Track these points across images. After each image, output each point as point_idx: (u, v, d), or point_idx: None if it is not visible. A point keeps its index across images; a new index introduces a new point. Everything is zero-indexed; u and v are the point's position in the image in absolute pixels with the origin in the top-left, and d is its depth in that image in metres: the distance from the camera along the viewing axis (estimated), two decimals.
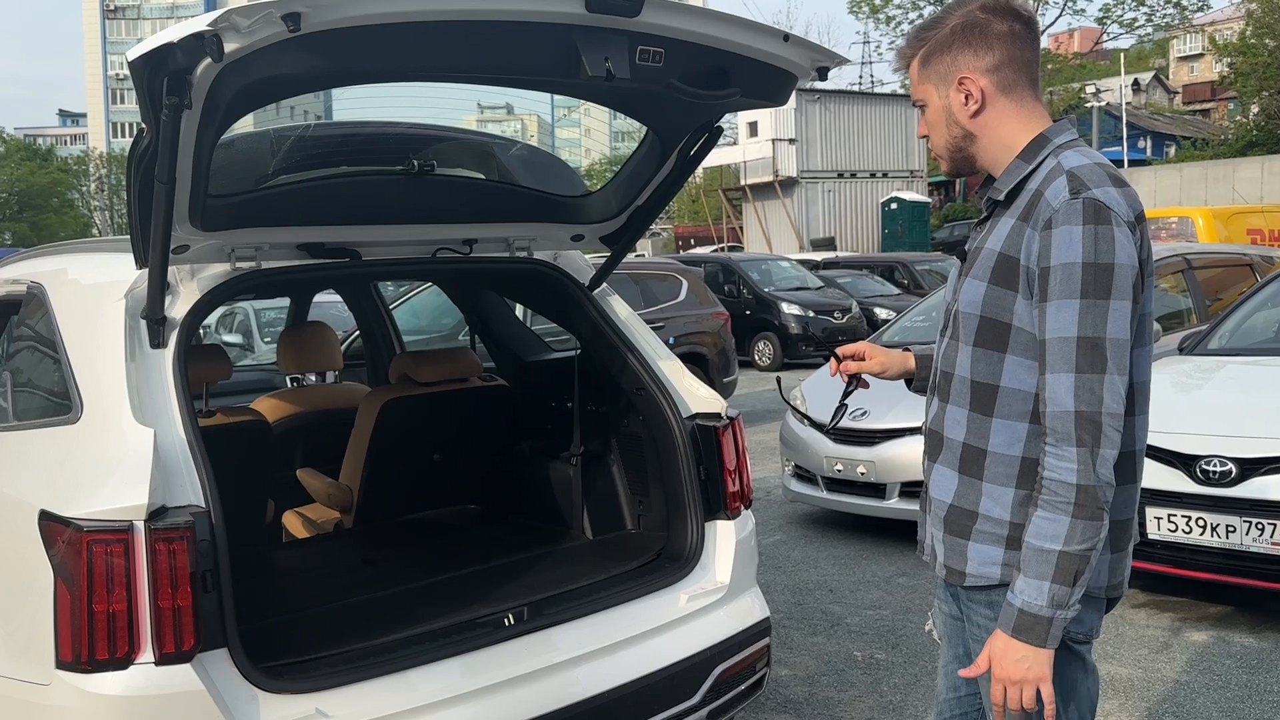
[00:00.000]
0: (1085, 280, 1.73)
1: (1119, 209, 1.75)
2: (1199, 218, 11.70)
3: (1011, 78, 1.89)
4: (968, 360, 1.90)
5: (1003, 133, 1.91)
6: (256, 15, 1.84)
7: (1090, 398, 1.73)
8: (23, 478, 2.60)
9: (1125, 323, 1.75)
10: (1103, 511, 1.74)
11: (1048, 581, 1.74)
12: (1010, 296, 1.83)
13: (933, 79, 1.94)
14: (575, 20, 2.15)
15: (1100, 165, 1.82)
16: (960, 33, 1.89)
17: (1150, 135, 44.95)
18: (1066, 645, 1.88)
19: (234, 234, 2.67)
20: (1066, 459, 1.74)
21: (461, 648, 2.60)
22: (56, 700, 2.22)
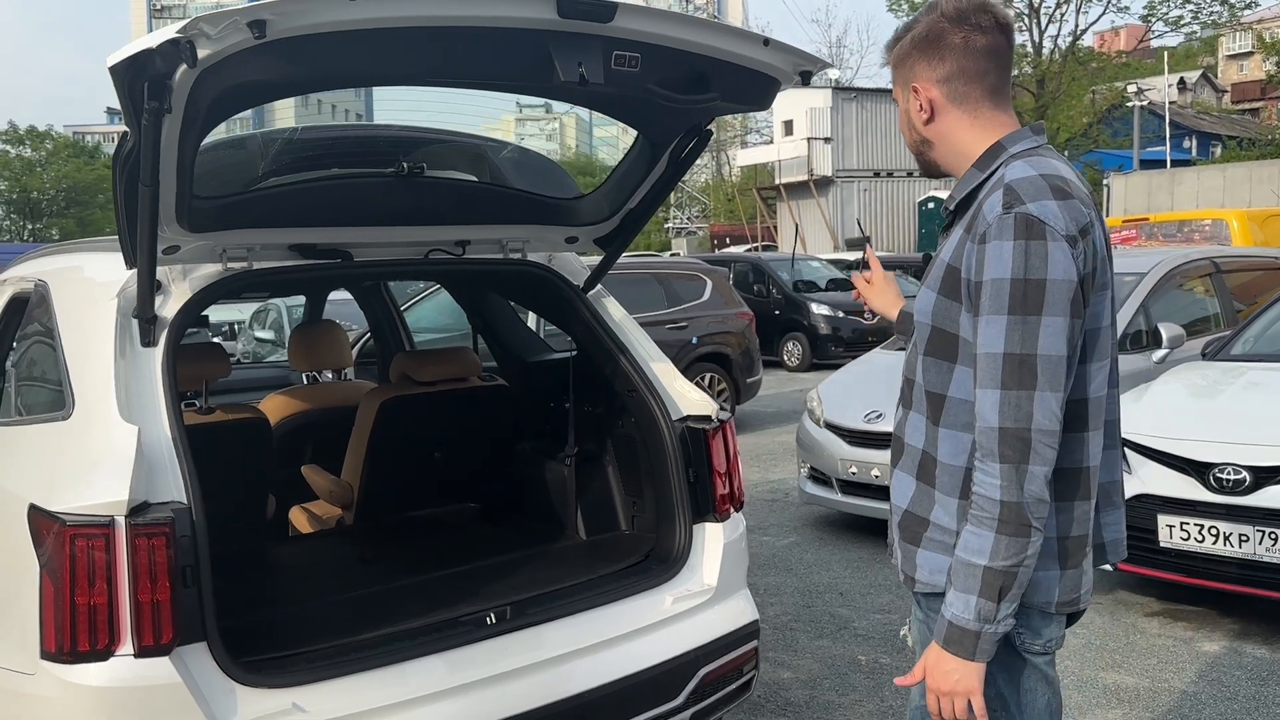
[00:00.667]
0: (1014, 296, 1.71)
1: (1055, 223, 1.73)
2: (1233, 220, 11.47)
3: (963, 89, 1.89)
4: (919, 366, 1.91)
5: (956, 141, 1.92)
6: (223, 23, 1.88)
7: (1017, 414, 1.71)
8: (17, 472, 2.66)
9: (1059, 339, 1.73)
10: (1030, 529, 1.72)
11: (974, 596, 1.74)
12: (956, 308, 1.83)
13: (899, 82, 1.98)
14: (547, 25, 2.16)
15: (1044, 177, 1.79)
16: (919, 41, 1.91)
17: (1196, 135, 44.25)
18: (1024, 657, 1.88)
19: (225, 235, 2.71)
20: (992, 475, 1.73)
21: (442, 645, 2.63)
22: (41, 690, 2.27)
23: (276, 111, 66.68)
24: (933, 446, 1.90)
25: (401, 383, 3.79)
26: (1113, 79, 45.24)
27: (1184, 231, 11.99)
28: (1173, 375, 5.63)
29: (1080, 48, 45.81)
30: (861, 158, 35.74)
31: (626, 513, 3.49)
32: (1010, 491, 1.71)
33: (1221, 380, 5.43)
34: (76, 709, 2.23)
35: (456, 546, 3.51)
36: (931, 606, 1.94)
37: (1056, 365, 1.73)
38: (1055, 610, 1.88)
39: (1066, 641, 4.69)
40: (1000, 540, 1.72)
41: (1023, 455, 1.71)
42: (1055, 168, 1.83)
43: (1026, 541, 1.72)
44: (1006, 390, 1.72)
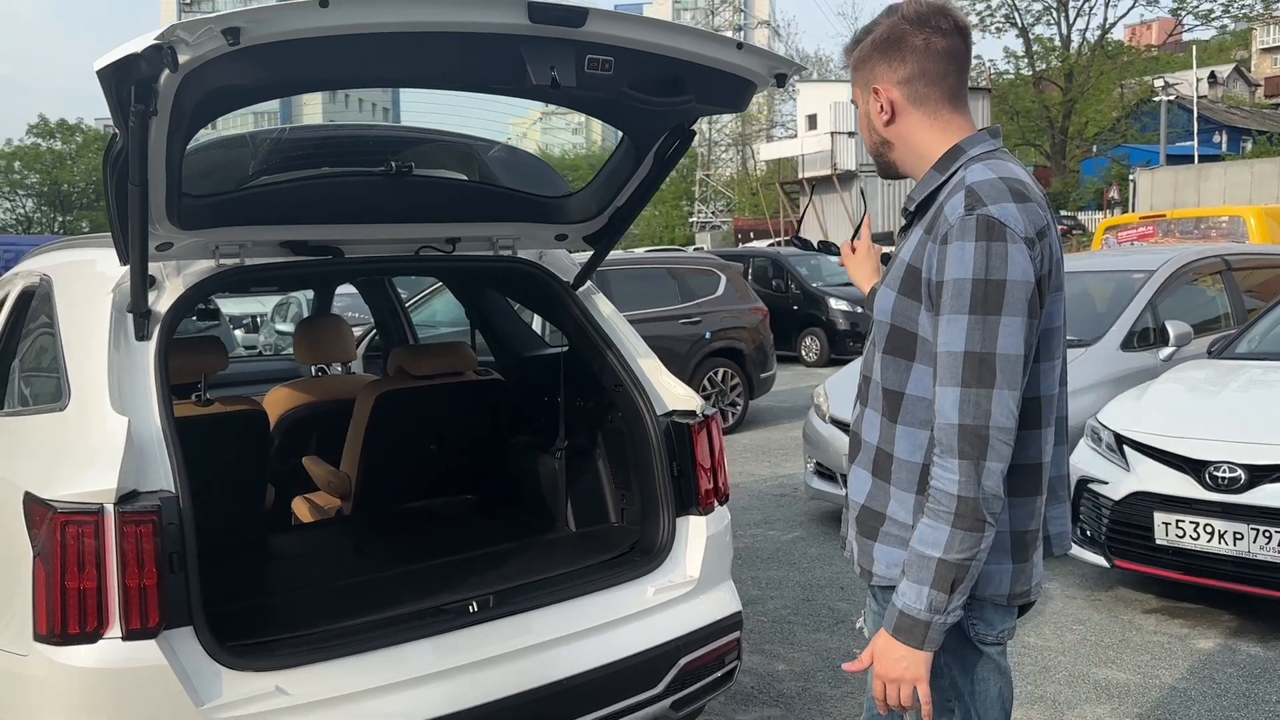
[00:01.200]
0: (975, 296, 1.75)
1: (1015, 225, 1.77)
2: (1250, 217, 11.36)
3: (924, 91, 1.92)
4: (879, 365, 1.94)
5: (916, 143, 1.96)
6: (199, 30, 1.95)
7: (976, 411, 1.75)
8: (15, 460, 2.76)
9: (1018, 338, 1.77)
10: (984, 524, 1.77)
11: (926, 587, 1.78)
12: (916, 307, 1.87)
13: (858, 84, 2.01)
14: (519, 30, 2.22)
15: (1004, 179, 1.82)
16: (880, 43, 1.94)
17: (1226, 130, 43.74)
18: (977, 648, 1.93)
19: (217, 232, 2.80)
20: (950, 470, 1.77)
21: (424, 632, 2.70)
22: (33, 671, 2.36)
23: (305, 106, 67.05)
24: (889, 443, 1.94)
25: (398, 376, 3.87)
26: (1142, 73, 44.79)
27: (1201, 228, 11.89)
28: (1174, 374, 5.63)
29: (1109, 41, 45.36)
30: None
31: (616, 505, 3.55)
32: (968, 487, 1.75)
33: (1222, 378, 5.42)
34: (67, 689, 2.32)
35: (449, 537, 3.58)
36: (888, 599, 1.97)
37: (1014, 364, 1.77)
38: (1008, 603, 1.92)
39: (1061, 636, 4.71)
40: (955, 534, 1.76)
41: (981, 452, 1.75)
42: (1014, 171, 1.87)
43: (980, 536, 1.77)
44: (966, 388, 1.76)
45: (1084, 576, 5.54)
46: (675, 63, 2.47)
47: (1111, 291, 7.11)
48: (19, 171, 55.91)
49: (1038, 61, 46.52)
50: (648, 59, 2.43)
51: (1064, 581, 5.51)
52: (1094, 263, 8.19)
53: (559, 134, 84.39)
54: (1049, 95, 45.60)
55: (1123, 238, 12.67)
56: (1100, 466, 5.08)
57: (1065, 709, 4.02)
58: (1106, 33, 44.88)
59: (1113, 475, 4.97)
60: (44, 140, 56.55)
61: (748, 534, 6.72)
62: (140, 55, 2.07)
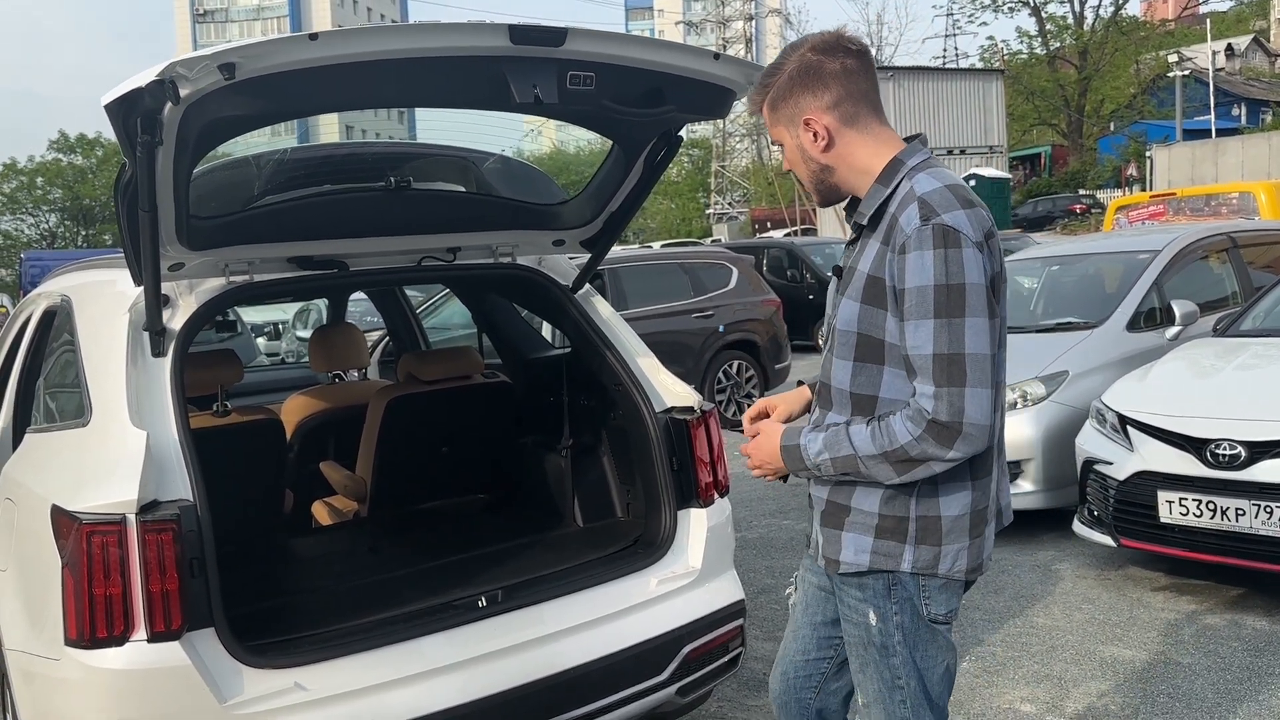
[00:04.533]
0: (939, 301, 1.87)
1: (968, 231, 1.89)
2: (1261, 193, 11.31)
3: (852, 110, 2.03)
4: (847, 374, 2.04)
5: (856, 160, 2.05)
6: (197, 66, 2.07)
7: (951, 408, 1.88)
8: (43, 475, 2.90)
9: (983, 337, 1.89)
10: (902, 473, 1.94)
11: (828, 455, 2.01)
12: (881, 315, 1.97)
13: (782, 122, 2.09)
14: (501, 52, 2.33)
15: (950, 189, 1.94)
16: (797, 77, 2.03)
17: (1245, 102, 43.33)
18: (930, 625, 2.06)
19: (226, 251, 2.93)
20: (913, 434, 1.91)
21: (436, 627, 2.82)
22: (65, 674, 2.50)
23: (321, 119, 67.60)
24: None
25: (408, 382, 3.99)
26: (1158, 48, 44.42)
27: (1211, 205, 11.85)
28: (1177, 353, 5.68)
29: (1124, 17, 44.99)
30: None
31: (621, 500, 3.66)
32: (916, 450, 1.91)
33: (1224, 357, 5.47)
34: (96, 690, 2.45)
35: (460, 536, 3.71)
36: (848, 582, 2.11)
37: (983, 363, 1.89)
38: (965, 577, 2.07)
39: (1069, 616, 4.80)
40: (878, 459, 1.95)
41: (948, 443, 1.90)
42: (955, 179, 1.99)
43: (891, 477, 1.97)
44: (939, 387, 1.88)
45: (1094, 556, 5.61)
46: (655, 75, 2.58)
47: (1117, 272, 7.15)
48: (41, 187, 56.61)
49: (1051, 40, 46.23)
50: (628, 73, 2.54)
51: (1074, 562, 5.58)
52: (1099, 244, 8.22)
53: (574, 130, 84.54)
54: (1064, 74, 45.33)
55: (1134, 217, 12.65)
56: (1105, 447, 5.15)
57: (1071, 686, 4.11)
58: (1120, 9, 44.54)
59: (1117, 456, 5.04)
60: (65, 155, 57.20)
61: (763, 524, 6.81)
62: (144, 89, 2.19)
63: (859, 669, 2.15)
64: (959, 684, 4.19)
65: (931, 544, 2.02)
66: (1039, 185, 43.28)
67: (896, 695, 2.10)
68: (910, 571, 2.03)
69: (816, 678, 2.33)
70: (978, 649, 4.53)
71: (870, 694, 2.14)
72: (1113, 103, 45.64)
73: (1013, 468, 6.03)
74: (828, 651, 2.31)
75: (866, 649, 2.11)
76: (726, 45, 50.95)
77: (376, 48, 2.18)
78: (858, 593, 2.10)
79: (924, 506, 2.02)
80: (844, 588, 2.13)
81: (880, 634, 2.08)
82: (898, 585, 2.05)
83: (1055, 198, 38.90)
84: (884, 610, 2.06)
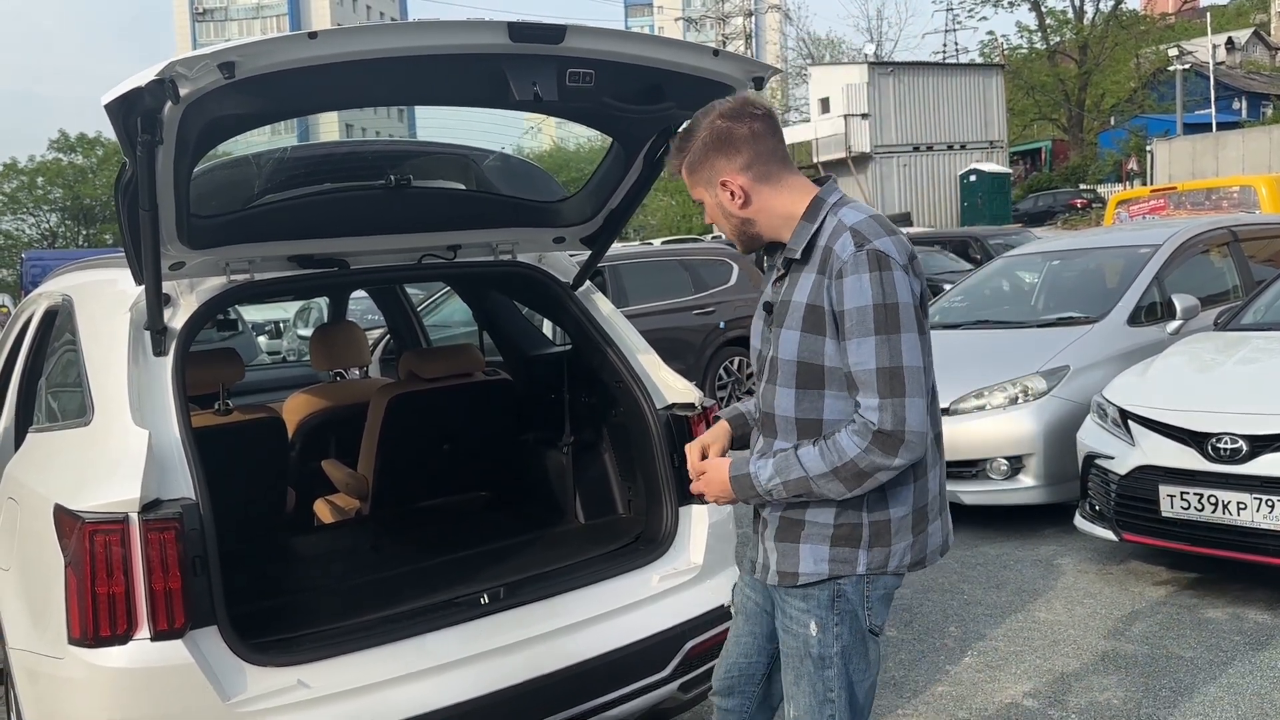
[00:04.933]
0: (878, 319, 2.03)
1: (895, 255, 2.07)
2: (1262, 186, 11.31)
3: (764, 169, 2.19)
4: (790, 401, 2.17)
5: (775, 211, 2.21)
6: (197, 65, 2.07)
7: (894, 419, 2.03)
8: (46, 474, 2.90)
9: (917, 351, 2.06)
10: (852, 488, 2.07)
11: (779, 480, 2.13)
12: (821, 341, 2.11)
13: (701, 183, 2.23)
14: (501, 50, 2.33)
15: (874, 219, 2.14)
16: (711, 144, 2.18)
17: (1245, 96, 43.26)
18: (869, 635, 2.21)
19: (226, 250, 2.93)
20: (859, 446, 2.05)
21: (438, 624, 2.83)
22: (68, 672, 2.50)
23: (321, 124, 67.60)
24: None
25: (409, 380, 4.00)
26: (1158, 42, 44.38)
27: (1212, 199, 11.85)
28: (1178, 347, 5.68)
29: (1124, 11, 44.94)
30: (900, 133, 35.46)
31: (623, 497, 3.67)
32: (864, 461, 2.05)
33: (1225, 351, 5.47)
34: (100, 689, 2.46)
35: (462, 533, 3.71)
36: (792, 594, 2.22)
37: (918, 375, 2.05)
38: (908, 571, 2.22)
39: (1071, 610, 4.81)
40: (829, 478, 2.08)
41: (892, 451, 2.04)
42: (874, 211, 2.19)
43: (842, 492, 2.09)
44: (883, 397, 2.03)
45: (1096, 551, 5.62)
46: (654, 72, 2.58)
47: (1118, 267, 7.15)
48: (42, 187, 56.61)
49: (1051, 35, 46.19)
50: (627, 70, 2.54)
51: (1076, 557, 5.59)
52: (1100, 239, 8.23)
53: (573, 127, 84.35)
54: (1064, 68, 45.27)
55: (1134, 211, 12.64)
56: (1106, 442, 5.15)
57: (1073, 681, 4.11)
58: (1120, 3, 44.48)
59: (1119, 450, 5.04)
60: (65, 155, 57.19)
61: None
62: (144, 89, 2.20)
63: (793, 681, 2.25)
64: (961, 678, 4.21)
65: (882, 545, 2.16)
66: (1039, 180, 43.28)
67: (826, 709, 2.21)
68: (864, 573, 2.16)
69: (759, 677, 2.48)
70: (980, 644, 4.54)
71: (801, 707, 2.24)
72: (1113, 97, 45.60)
73: (1014, 463, 6.04)
74: (765, 657, 2.45)
75: (803, 661, 2.22)
76: (726, 41, 50.93)
77: (376, 46, 2.18)
78: (801, 604, 2.20)
79: (875, 512, 2.15)
80: (787, 599, 2.23)
81: (819, 644, 2.19)
82: (841, 597, 2.18)
83: (1056, 192, 38.89)
84: (825, 621, 2.18)
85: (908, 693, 4.13)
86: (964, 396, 6.23)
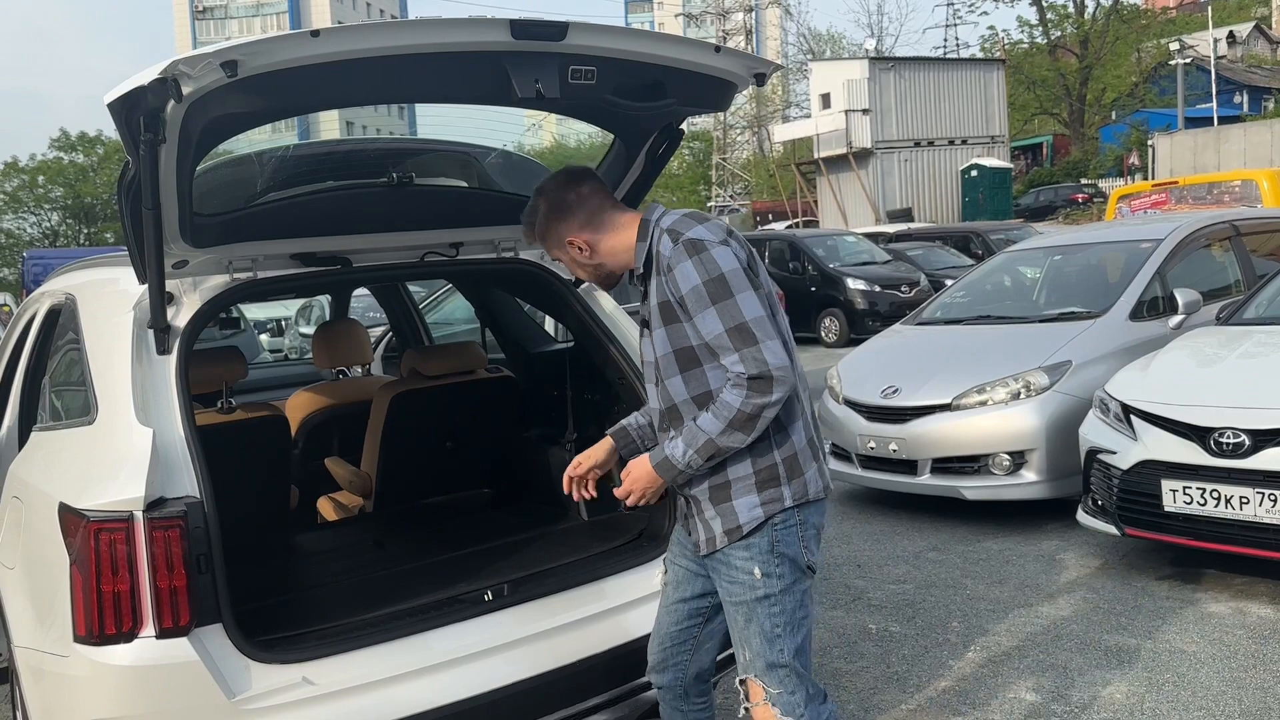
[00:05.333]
0: (709, 292, 2.34)
1: (708, 237, 2.39)
2: (1264, 180, 11.29)
3: (599, 219, 2.54)
4: (681, 385, 2.48)
5: (616, 248, 2.55)
6: (199, 64, 2.08)
7: (756, 363, 2.31)
8: (50, 473, 2.91)
9: (754, 304, 2.35)
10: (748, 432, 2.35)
11: (692, 450, 2.41)
12: (681, 327, 2.43)
13: (554, 246, 2.60)
14: (503, 47, 2.34)
15: (686, 215, 2.47)
16: (551, 213, 2.54)
17: (1247, 90, 43.19)
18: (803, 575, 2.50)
19: (229, 248, 2.93)
20: (739, 396, 2.34)
21: (442, 621, 2.83)
22: (73, 670, 2.51)
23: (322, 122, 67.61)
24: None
25: (411, 377, 4.00)
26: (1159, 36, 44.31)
27: (1214, 193, 11.83)
28: (1180, 342, 5.67)
29: (1124, 5, 44.89)
30: (901, 128, 35.40)
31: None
32: (749, 406, 2.33)
33: (1227, 345, 5.46)
34: (106, 687, 2.46)
35: (466, 530, 3.72)
36: (734, 547, 2.48)
37: (762, 321, 2.34)
38: (825, 495, 2.54)
39: (1074, 605, 4.81)
40: (729, 432, 2.36)
41: (767, 389, 2.32)
42: (687, 210, 2.52)
43: (741, 438, 2.36)
44: (740, 350, 2.32)
45: (1098, 546, 5.62)
46: (656, 68, 2.58)
47: (1120, 261, 7.14)
48: (43, 185, 56.64)
49: (1052, 29, 46.14)
50: (629, 66, 2.54)
51: (1079, 551, 5.59)
52: (1102, 233, 8.22)
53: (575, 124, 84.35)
54: (1065, 63, 45.23)
55: (1135, 206, 12.63)
56: (1109, 437, 5.15)
57: (1076, 675, 4.12)
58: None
59: (1121, 445, 5.04)
60: (66, 154, 57.22)
61: None
62: (146, 88, 2.20)
63: (743, 626, 2.50)
64: (964, 673, 4.21)
65: (797, 475, 2.46)
66: (1041, 175, 43.24)
67: (776, 645, 2.48)
68: (791, 505, 2.45)
69: (690, 642, 2.74)
70: (982, 639, 4.55)
71: (754, 648, 2.50)
72: (1114, 91, 45.54)
73: (1017, 458, 6.04)
74: (698, 619, 2.72)
75: (751, 605, 2.48)
76: (727, 37, 50.87)
77: (378, 44, 2.18)
78: (744, 554, 2.47)
79: (783, 448, 2.46)
80: (730, 555, 2.49)
81: (764, 586, 2.46)
82: (779, 541, 2.45)
83: (1057, 187, 38.85)
84: (767, 565, 2.46)
85: (911, 688, 4.14)
86: (966, 392, 6.24)
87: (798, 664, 2.50)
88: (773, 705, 2.49)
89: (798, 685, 2.50)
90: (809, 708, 2.51)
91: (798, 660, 2.50)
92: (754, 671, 2.50)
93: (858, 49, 47.55)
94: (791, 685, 2.49)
